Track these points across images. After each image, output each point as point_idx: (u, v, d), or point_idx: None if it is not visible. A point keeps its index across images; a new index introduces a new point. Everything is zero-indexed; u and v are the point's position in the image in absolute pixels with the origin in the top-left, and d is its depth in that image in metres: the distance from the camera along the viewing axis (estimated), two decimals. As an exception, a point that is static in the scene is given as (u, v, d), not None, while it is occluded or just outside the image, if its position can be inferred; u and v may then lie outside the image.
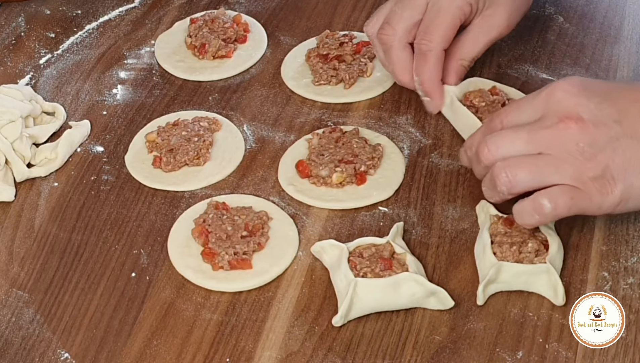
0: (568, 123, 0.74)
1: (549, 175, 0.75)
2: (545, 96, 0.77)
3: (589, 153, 0.74)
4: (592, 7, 1.07)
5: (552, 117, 0.75)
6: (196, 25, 1.03)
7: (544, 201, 0.75)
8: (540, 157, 0.75)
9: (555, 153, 0.75)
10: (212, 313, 0.80)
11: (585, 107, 0.75)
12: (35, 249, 0.85)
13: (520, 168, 0.76)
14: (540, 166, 0.75)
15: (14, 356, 0.77)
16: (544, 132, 0.75)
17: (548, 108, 0.76)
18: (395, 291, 0.77)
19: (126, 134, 0.95)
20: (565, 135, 0.74)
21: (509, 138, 0.77)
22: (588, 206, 0.75)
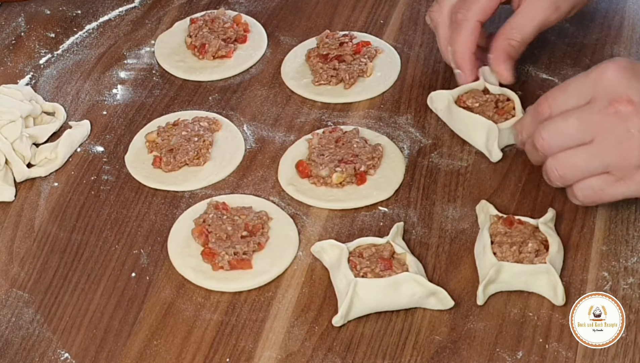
0: (618, 107, 0.75)
1: (596, 167, 0.77)
2: (594, 78, 0.77)
3: (638, 138, 0.74)
4: (592, 7, 1.07)
5: (602, 100, 0.75)
6: (196, 26, 1.03)
7: (577, 192, 0.79)
8: (587, 150, 0.77)
9: (605, 140, 0.75)
10: (212, 313, 0.80)
11: (635, 89, 0.75)
12: (35, 249, 0.85)
13: (567, 167, 0.78)
14: (588, 160, 0.77)
15: (14, 356, 0.78)
16: (594, 117, 0.76)
17: (597, 91, 0.76)
18: (395, 291, 0.78)
19: (126, 134, 0.95)
20: (615, 119, 0.75)
21: (561, 126, 0.78)
22: (627, 191, 0.77)
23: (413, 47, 1.03)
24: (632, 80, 0.75)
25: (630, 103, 0.74)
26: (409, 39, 1.04)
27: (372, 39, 1.03)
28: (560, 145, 0.78)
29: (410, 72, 1.00)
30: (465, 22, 0.89)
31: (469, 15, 0.89)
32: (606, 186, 0.77)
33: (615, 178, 0.77)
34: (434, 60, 1.01)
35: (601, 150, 0.76)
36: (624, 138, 0.75)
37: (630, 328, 0.76)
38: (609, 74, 0.76)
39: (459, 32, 0.90)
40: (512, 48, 0.91)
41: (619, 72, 0.76)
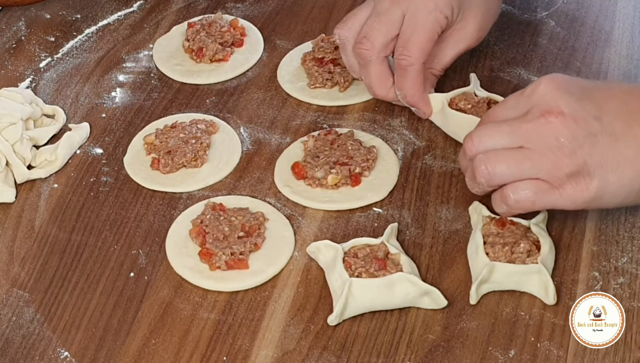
0: (549, 117, 0.75)
1: (526, 169, 0.76)
2: (529, 92, 0.78)
3: (568, 148, 0.75)
4: (583, 11, 1.07)
5: (535, 112, 0.76)
6: (194, 30, 1.04)
7: (509, 193, 0.77)
8: (520, 151, 0.76)
9: (535, 147, 0.76)
10: (210, 313, 0.80)
11: (566, 101, 0.75)
12: (36, 249, 0.86)
13: (499, 162, 0.77)
14: (519, 160, 0.76)
15: (15, 355, 0.78)
16: (525, 126, 0.76)
17: (531, 103, 0.77)
18: (389, 291, 0.78)
19: (125, 137, 0.96)
20: (546, 129, 0.75)
21: (492, 131, 0.78)
22: (557, 201, 0.76)
23: (407, 50, 1.04)
24: (565, 93, 0.76)
25: (561, 114, 0.75)
26: (404, 42, 1.05)
27: (367, 42, 1.03)
28: (487, 147, 0.77)
29: (404, 75, 1.01)
30: (411, 67, 0.89)
31: (413, 60, 0.89)
32: (539, 192, 0.76)
33: (548, 185, 0.76)
34: (428, 63, 1.02)
35: (532, 155, 0.76)
36: (555, 148, 0.75)
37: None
38: (542, 88, 0.77)
39: (407, 77, 0.89)
40: (434, 77, 0.92)
41: (552, 85, 0.76)
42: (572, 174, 0.75)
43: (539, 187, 0.76)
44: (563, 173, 0.75)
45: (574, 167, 0.75)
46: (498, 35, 1.05)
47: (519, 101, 0.78)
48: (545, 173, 0.76)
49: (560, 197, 0.76)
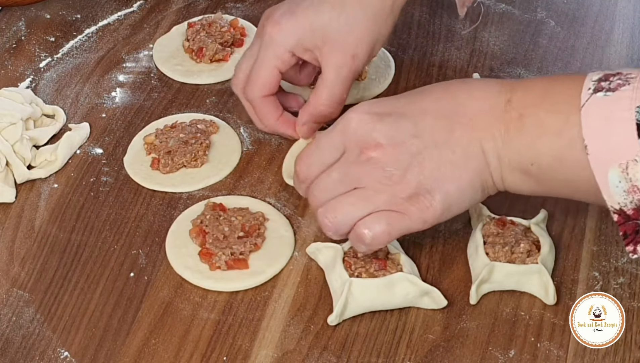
0: (368, 153, 0.74)
1: (364, 208, 0.75)
2: (340, 130, 0.76)
3: (397, 175, 0.74)
4: (583, 11, 1.08)
5: (354, 150, 0.75)
6: (194, 30, 1.04)
7: (364, 231, 0.75)
8: (354, 193, 0.75)
9: (368, 185, 0.74)
10: (210, 313, 0.80)
11: (379, 131, 0.74)
12: (36, 249, 0.86)
13: (337, 211, 0.76)
14: (355, 203, 0.75)
15: (15, 354, 0.78)
16: (350, 168, 0.75)
17: (346, 140, 0.75)
18: (389, 291, 0.78)
19: (125, 137, 0.96)
20: (369, 166, 0.74)
21: (325, 183, 0.77)
22: (410, 225, 0.75)
23: (407, 50, 1.04)
24: (376, 123, 0.74)
25: (379, 146, 0.74)
26: (403, 42, 1.05)
27: (367, 42, 1.03)
28: (328, 199, 0.76)
29: (404, 75, 1.01)
30: (253, 100, 0.89)
31: (254, 94, 0.89)
32: (391, 222, 0.75)
33: (396, 213, 0.75)
34: (428, 63, 1.02)
35: (367, 193, 0.75)
36: (385, 179, 0.74)
37: (620, 327, 0.77)
38: (353, 124, 0.75)
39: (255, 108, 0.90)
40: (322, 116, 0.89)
41: (362, 120, 0.75)
42: (410, 197, 0.74)
43: (389, 217, 0.75)
44: (401, 198, 0.74)
45: (409, 190, 0.74)
46: (498, 35, 1.05)
47: (333, 140, 0.76)
48: (384, 204, 0.74)
49: (410, 221, 0.75)
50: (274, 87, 0.89)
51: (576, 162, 0.70)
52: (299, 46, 0.88)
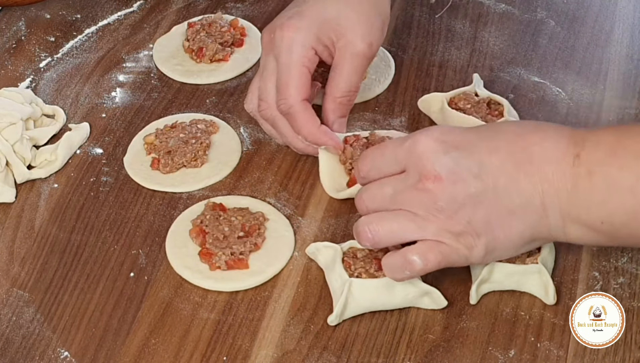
0: (426, 183, 0.73)
1: (410, 232, 0.74)
2: (407, 148, 0.75)
3: (449, 210, 0.73)
4: (583, 11, 1.08)
5: (414, 175, 0.74)
6: (194, 30, 1.04)
7: (414, 258, 0.75)
8: (403, 214, 0.75)
9: (417, 211, 0.74)
10: (210, 313, 0.80)
11: (444, 165, 0.73)
12: (36, 249, 0.86)
13: (382, 225, 0.75)
14: (402, 224, 0.75)
15: (15, 354, 0.78)
16: (405, 190, 0.75)
17: (409, 162, 0.75)
18: (389, 291, 0.78)
19: (125, 137, 0.96)
20: (424, 195, 0.73)
21: (376, 192, 0.76)
22: (456, 260, 0.75)
23: (407, 50, 1.04)
24: (442, 154, 0.73)
25: (438, 179, 0.73)
26: (403, 42, 1.05)
27: (367, 42, 1.03)
28: (375, 209, 0.76)
29: (404, 75, 1.01)
30: (291, 109, 0.86)
31: (290, 102, 0.86)
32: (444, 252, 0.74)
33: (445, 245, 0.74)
34: (428, 63, 1.02)
35: (415, 218, 0.74)
36: (435, 211, 0.73)
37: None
38: (420, 148, 0.74)
39: (294, 119, 0.87)
40: (343, 106, 0.89)
41: (429, 146, 0.74)
42: (459, 234, 0.73)
43: (441, 247, 0.74)
44: (449, 233, 0.74)
45: (459, 227, 0.73)
46: (498, 35, 1.05)
47: (398, 154, 0.76)
48: (431, 234, 0.74)
49: (457, 255, 0.74)
50: (308, 89, 0.88)
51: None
52: (318, 43, 0.87)
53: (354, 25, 0.88)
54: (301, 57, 0.86)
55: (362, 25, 0.88)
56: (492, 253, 0.75)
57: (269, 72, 0.88)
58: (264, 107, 0.89)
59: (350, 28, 0.87)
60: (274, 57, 0.88)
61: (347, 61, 0.88)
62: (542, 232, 0.74)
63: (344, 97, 0.89)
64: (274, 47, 0.87)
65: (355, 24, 0.88)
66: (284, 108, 0.87)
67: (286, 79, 0.87)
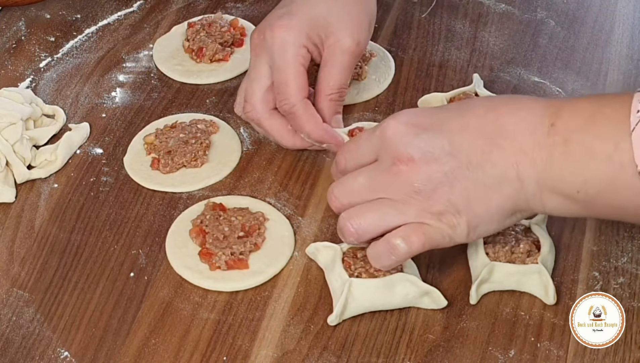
0: (400, 166, 0.73)
1: (392, 219, 0.74)
2: (378, 135, 0.75)
3: (427, 191, 0.73)
4: (583, 11, 1.08)
5: (386, 160, 0.74)
6: (194, 30, 1.04)
7: (398, 241, 0.74)
8: (382, 202, 0.74)
9: (395, 196, 0.74)
10: (209, 313, 0.80)
11: (414, 146, 0.73)
12: (36, 249, 0.86)
13: (363, 218, 0.75)
14: (383, 212, 0.74)
15: (15, 354, 0.78)
16: (380, 176, 0.74)
17: (382, 148, 0.75)
18: (389, 291, 0.78)
19: (125, 137, 0.96)
20: (399, 179, 0.73)
21: (350, 185, 0.76)
22: (440, 240, 0.74)
23: (407, 50, 1.04)
24: (412, 136, 0.73)
25: (411, 161, 0.73)
26: (403, 42, 1.05)
27: (367, 42, 1.03)
28: (351, 203, 0.76)
29: (404, 75, 1.01)
30: (294, 107, 0.86)
31: (292, 101, 0.86)
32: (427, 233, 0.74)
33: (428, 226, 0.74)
34: (428, 63, 1.02)
35: (394, 204, 0.74)
36: (413, 193, 0.73)
37: (621, 326, 0.77)
38: (389, 133, 0.74)
39: (297, 117, 0.87)
40: (335, 102, 0.90)
41: (399, 129, 0.74)
42: (439, 213, 0.73)
43: (423, 227, 0.74)
44: (430, 214, 0.73)
45: (438, 207, 0.73)
46: (498, 35, 1.05)
47: (371, 141, 0.76)
48: (413, 217, 0.74)
49: (441, 236, 0.74)
50: (307, 87, 0.88)
51: (629, 188, 0.69)
52: (309, 41, 0.87)
53: (342, 23, 0.88)
54: (296, 56, 0.87)
55: (351, 23, 0.89)
56: (475, 230, 0.74)
57: (257, 74, 0.88)
58: (248, 109, 0.90)
59: (339, 26, 0.88)
60: (265, 59, 0.88)
61: (337, 58, 0.88)
62: (521, 204, 0.74)
63: (334, 94, 0.89)
64: (265, 49, 0.88)
65: (343, 22, 0.88)
66: (286, 108, 0.87)
67: (285, 79, 0.87)
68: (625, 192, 0.69)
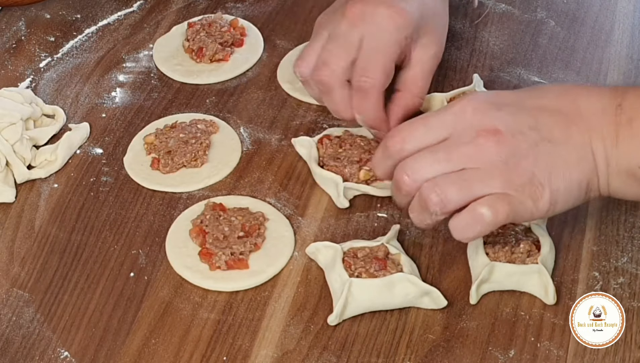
0: (487, 136, 0.73)
1: (478, 188, 0.73)
2: (456, 113, 0.75)
3: (512, 162, 0.73)
4: (583, 11, 1.08)
5: (469, 133, 0.74)
6: (194, 29, 1.04)
7: (484, 210, 0.73)
8: (466, 172, 0.74)
9: (480, 167, 0.74)
10: (210, 313, 0.80)
11: (500, 119, 0.74)
12: (36, 249, 0.86)
13: (449, 186, 0.74)
14: (469, 181, 0.74)
15: (15, 354, 0.78)
16: (463, 148, 0.74)
17: (460, 124, 0.74)
18: (389, 291, 0.78)
19: (125, 137, 0.96)
20: (486, 149, 0.73)
21: (427, 160, 0.75)
22: (523, 213, 0.74)
23: (407, 50, 1.04)
24: (494, 111, 0.74)
25: (498, 132, 0.73)
26: (404, 42, 1.05)
27: (367, 42, 1.03)
28: (428, 179, 0.74)
29: (404, 75, 1.01)
30: (373, 89, 0.85)
31: (375, 82, 0.85)
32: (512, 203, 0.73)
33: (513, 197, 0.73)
34: (428, 63, 1.02)
35: (480, 174, 0.74)
36: (500, 164, 0.73)
37: (620, 326, 0.77)
38: (470, 108, 0.74)
39: (368, 99, 0.85)
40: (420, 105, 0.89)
41: (480, 108, 0.75)
42: (524, 185, 0.73)
43: (509, 198, 0.73)
44: (516, 184, 0.73)
45: (524, 178, 0.73)
46: (498, 35, 1.05)
47: (445, 121, 0.76)
48: (499, 187, 0.73)
49: (524, 208, 0.74)
50: (392, 75, 0.87)
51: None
52: (410, 35, 0.86)
53: (436, 25, 0.89)
54: (399, 42, 0.86)
55: (440, 26, 0.90)
56: (555, 205, 0.75)
57: (347, 42, 0.86)
58: (326, 73, 0.86)
59: (434, 28, 0.89)
60: (361, 31, 0.85)
61: (427, 61, 0.88)
62: (594, 182, 0.75)
63: (420, 98, 0.89)
64: (369, 22, 0.85)
65: (437, 24, 0.89)
66: (366, 85, 0.85)
67: (379, 58, 0.85)
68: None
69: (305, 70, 0.88)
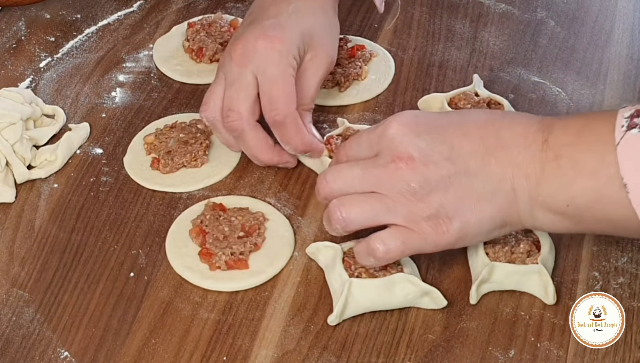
0: (399, 163, 0.74)
1: (382, 215, 0.75)
2: (380, 133, 0.75)
3: (421, 193, 0.73)
4: (583, 11, 1.08)
5: (385, 156, 0.74)
6: (193, 30, 1.04)
7: (378, 245, 0.75)
8: (374, 196, 0.75)
9: (388, 193, 0.74)
10: (210, 313, 0.80)
11: (416, 146, 0.74)
12: (36, 249, 0.86)
13: (353, 207, 0.75)
14: (373, 206, 0.75)
15: (15, 354, 0.78)
16: (376, 171, 0.75)
17: (382, 145, 0.75)
18: (389, 291, 0.78)
19: (125, 137, 0.96)
20: (397, 176, 0.74)
21: (345, 173, 0.76)
22: (423, 246, 0.75)
23: (407, 50, 1.04)
24: (414, 137, 0.74)
25: (411, 159, 0.73)
26: (403, 42, 1.05)
27: (366, 42, 1.04)
28: (342, 190, 0.76)
29: (404, 75, 1.01)
30: (287, 117, 0.86)
31: (286, 111, 0.85)
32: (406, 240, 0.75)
33: (411, 231, 0.74)
34: (427, 63, 1.02)
35: (386, 200, 0.74)
36: (407, 193, 0.73)
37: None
38: (391, 131, 0.75)
39: (288, 128, 0.86)
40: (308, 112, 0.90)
41: (401, 129, 0.74)
42: (429, 217, 0.73)
43: (405, 234, 0.74)
44: (420, 217, 0.74)
45: (430, 210, 0.73)
46: (498, 35, 1.05)
47: (371, 139, 0.76)
48: (402, 217, 0.74)
49: (425, 242, 0.74)
50: (296, 98, 0.87)
51: (616, 201, 0.69)
52: (297, 54, 0.88)
53: (323, 38, 0.90)
54: (288, 68, 0.87)
55: (329, 38, 0.91)
56: (463, 238, 0.75)
57: (243, 83, 0.86)
58: (234, 118, 0.87)
59: (320, 41, 0.89)
60: (252, 69, 0.86)
61: (316, 72, 0.89)
62: (512, 217, 0.74)
63: (310, 107, 0.90)
64: (253, 59, 0.86)
65: (324, 37, 0.90)
66: (278, 118, 0.86)
67: (278, 90, 0.86)
68: (612, 206, 0.70)
69: (211, 115, 0.89)
